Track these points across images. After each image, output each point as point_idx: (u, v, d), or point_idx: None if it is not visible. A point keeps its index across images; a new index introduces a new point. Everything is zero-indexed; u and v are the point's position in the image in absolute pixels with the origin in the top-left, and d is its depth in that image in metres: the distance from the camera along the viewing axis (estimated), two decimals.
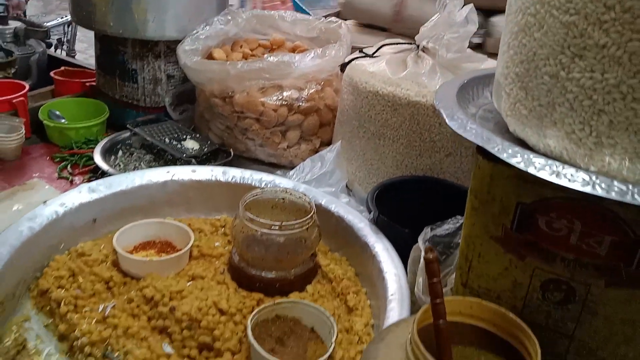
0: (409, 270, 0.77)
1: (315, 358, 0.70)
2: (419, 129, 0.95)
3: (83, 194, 0.88)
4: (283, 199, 0.88)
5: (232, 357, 0.71)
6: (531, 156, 0.46)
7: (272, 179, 0.98)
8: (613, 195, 0.41)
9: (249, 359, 0.71)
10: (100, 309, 0.77)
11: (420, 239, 0.72)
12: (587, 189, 0.42)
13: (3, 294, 0.73)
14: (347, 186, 1.08)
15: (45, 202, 0.86)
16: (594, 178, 0.42)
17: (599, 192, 0.41)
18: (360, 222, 0.89)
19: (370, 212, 0.88)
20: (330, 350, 0.69)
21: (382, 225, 0.87)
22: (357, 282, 0.87)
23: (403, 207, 0.92)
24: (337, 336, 0.71)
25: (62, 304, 0.76)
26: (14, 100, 1.28)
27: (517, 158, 0.46)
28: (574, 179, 0.43)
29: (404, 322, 0.56)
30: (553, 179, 0.43)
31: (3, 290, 0.73)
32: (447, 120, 0.53)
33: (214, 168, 1.00)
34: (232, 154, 1.17)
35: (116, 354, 0.71)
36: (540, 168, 0.44)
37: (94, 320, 0.74)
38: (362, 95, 0.99)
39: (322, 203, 0.93)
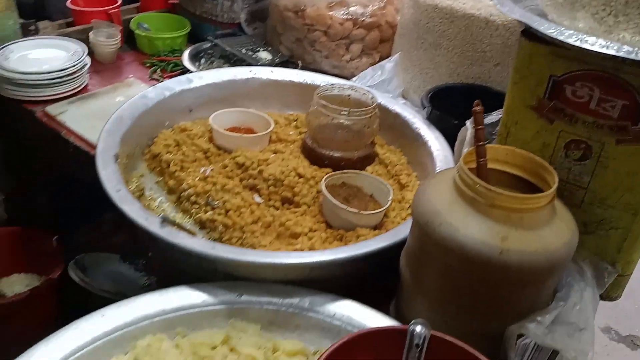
0: (456, 150, 0.92)
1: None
2: (472, 39, 1.07)
3: (183, 82, 1.06)
4: (349, 95, 1.03)
5: (307, 208, 0.89)
6: (563, 29, 0.59)
7: (338, 81, 1.12)
8: (622, 54, 0.54)
9: (320, 211, 0.88)
10: (201, 171, 0.95)
11: (467, 122, 0.86)
12: (603, 50, 0.55)
13: (127, 151, 0.92)
14: (402, 95, 1.22)
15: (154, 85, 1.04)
16: (609, 43, 0.56)
17: (612, 52, 0.55)
18: (414, 118, 1.04)
19: (424, 108, 1.02)
20: (387, 205, 0.86)
21: (434, 119, 1.01)
22: (409, 168, 1.03)
23: (452, 111, 1.06)
24: (392, 196, 0.87)
25: (171, 164, 0.95)
26: (110, 11, 1.45)
27: (551, 30, 0.59)
28: (593, 43, 0.56)
29: (449, 169, 0.71)
30: (578, 44, 0.57)
31: (127, 149, 0.92)
32: (498, 7, 0.66)
33: (290, 70, 1.15)
34: (299, 64, 1.32)
35: (216, 201, 0.89)
36: (569, 37, 0.58)
37: (197, 178, 0.93)
38: (421, 8, 1.12)
39: (382, 102, 1.07)
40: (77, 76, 1.24)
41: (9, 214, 1.49)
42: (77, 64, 1.24)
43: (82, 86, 1.27)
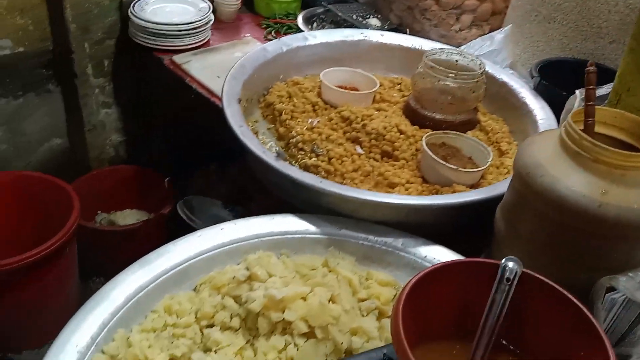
0: (561, 120, 0.92)
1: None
2: (588, 14, 1.06)
3: (299, 39, 1.13)
4: (457, 60, 1.05)
5: (405, 163, 0.93)
6: None
7: (447, 46, 1.15)
8: None
9: (417, 167, 0.93)
10: (309, 122, 1.02)
11: (577, 91, 0.86)
12: None
13: (246, 96, 1.01)
14: (510, 67, 1.22)
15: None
16: None
17: None
18: (521, 87, 1.05)
19: (532, 78, 1.03)
20: (485, 166, 0.88)
21: (541, 90, 1.02)
22: (510, 136, 1.04)
23: (561, 85, 1.05)
24: (492, 159, 0.90)
25: (283, 113, 1.03)
26: None
27: None
28: None
29: (553, 130, 0.73)
30: None
31: (246, 94, 1.01)
32: None
33: (399, 35, 1.19)
34: (407, 32, 1.36)
35: (321, 149, 0.96)
36: None
37: (304, 128, 1.00)
38: None
39: (489, 70, 1.09)
40: (202, 30, 1.36)
41: (128, 155, 1.65)
42: (202, 19, 1.35)
43: (205, 40, 1.39)
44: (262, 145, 0.85)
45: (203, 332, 0.65)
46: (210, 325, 0.67)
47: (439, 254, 0.76)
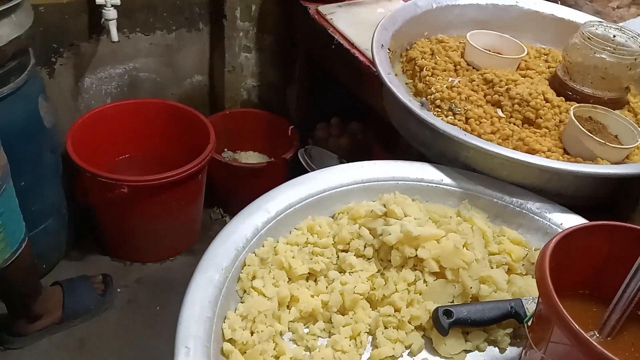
0: None
1: None
2: None
3: None
4: (614, 36, 1.00)
5: (547, 132, 0.91)
6: None
7: (604, 21, 1.09)
8: None
9: (560, 138, 0.90)
10: (449, 80, 1.03)
11: None
12: None
13: (392, 47, 1.03)
14: None
15: None
16: None
17: None
18: None
19: None
20: (635, 144, 0.84)
21: None
22: None
23: None
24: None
25: (424, 69, 1.04)
26: None
27: None
28: None
29: None
30: None
31: (393, 44, 1.03)
32: None
33: (554, 4, 1.15)
34: (559, 3, 1.30)
35: (459, 109, 0.96)
36: None
37: (444, 86, 1.01)
38: None
39: None
40: None
41: (259, 99, 1.75)
42: None
43: None
44: (408, 93, 0.87)
45: (339, 255, 0.70)
46: (345, 250, 0.71)
47: (575, 223, 0.75)
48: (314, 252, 0.70)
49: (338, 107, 1.68)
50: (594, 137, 0.84)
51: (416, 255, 0.68)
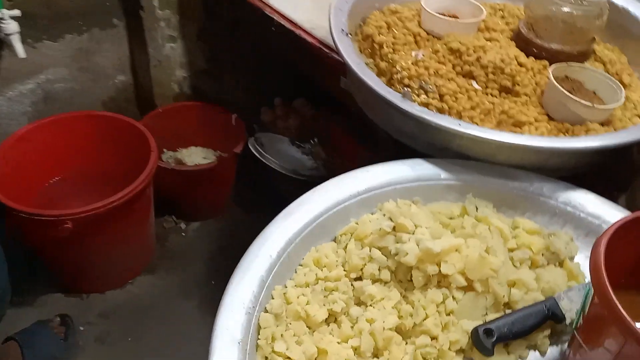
0: None
1: None
2: None
3: None
4: None
5: (528, 99, 0.87)
6: None
7: None
8: None
9: (539, 102, 0.86)
10: (413, 55, 0.95)
11: None
12: None
13: (350, 27, 0.94)
14: None
15: None
16: None
17: None
18: None
19: None
20: (621, 102, 0.82)
21: None
22: (629, 67, 0.96)
23: None
24: (624, 94, 0.83)
25: (384, 46, 0.95)
26: None
27: None
28: None
29: None
30: None
31: (350, 25, 0.93)
32: None
33: None
34: None
35: (430, 86, 0.90)
36: None
37: (409, 62, 0.93)
38: None
39: None
40: None
41: (193, 91, 1.60)
42: None
43: None
44: (384, 84, 0.79)
45: (354, 286, 0.63)
46: (359, 278, 0.64)
47: (582, 199, 0.72)
48: (326, 288, 0.62)
49: (280, 86, 1.57)
50: (580, 100, 0.81)
51: (439, 272, 0.62)
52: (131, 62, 1.44)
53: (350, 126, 1.33)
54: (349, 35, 0.88)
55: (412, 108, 0.74)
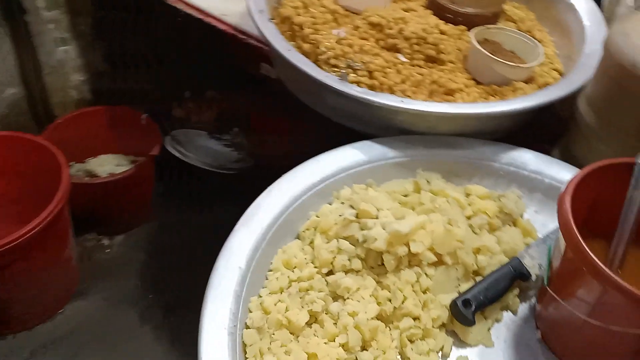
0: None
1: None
2: None
3: None
4: None
5: (454, 66, 0.88)
6: None
7: None
8: None
9: (464, 68, 0.88)
10: (334, 33, 0.93)
11: None
12: None
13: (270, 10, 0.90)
14: None
15: None
16: None
17: None
18: None
19: None
20: (541, 59, 0.85)
21: None
22: (539, 23, 1.01)
23: None
24: (543, 52, 0.87)
25: (304, 26, 0.92)
26: None
27: None
28: None
29: None
30: None
31: (269, 7, 0.89)
32: None
33: None
34: None
35: (358, 63, 0.89)
36: None
37: (332, 41, 0.91)
38: None
39: None
40: None
41: (94, 95, 1.47)
42: None
43: None
44: (319, 67, 0.76)
45: (327, 281, 0.61)
46: (330, 272, 0.63)
47: (521, 158, 0.75)
48: (301, 289, 0.60)
49: (195, 78, 1.49)
50: (506, 61, 0.83)
51: (409, 251, 0.62)
52: (20, 72, 1.29)
53: (273, 107, 1.29)
54: (273, 20, 0.84)
55: (354, 90, 0.73)
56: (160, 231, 1.51)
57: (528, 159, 0.75)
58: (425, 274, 0.62)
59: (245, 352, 0.53)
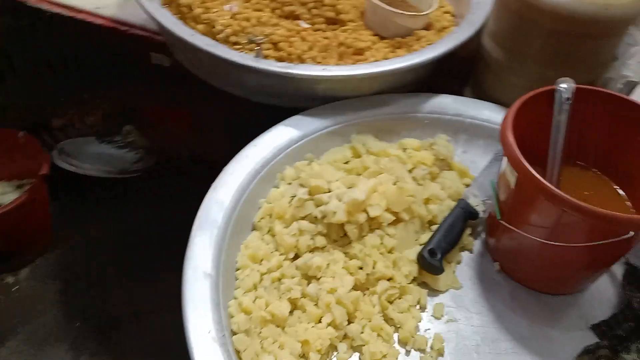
0: None
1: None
2: None
3: None
4: None
5: (355, 24, 0.88)
6: None
7: None
8: None
9: (365, 24, 0.88)
10: (226, 9, 0.88)
11: None
12: None
13: None
14: None
15: None
16: None
17: None
18: None
19: None
20: (436, 5, 0.88)
21: None
22: None
23: None
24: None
25: (193, 6, 0.87)
26: None
27: None
28: None
29: None
30: None
31: None
32: None
33: None
34: None
35: (259, 37, 0.85)
36: None
37: (228, 18, 0.87)
38: None
39: None
40: None
41: None
42: None
43: None
44: (229, 48, 0.72)
45: (297, 265, 0.60)
46: (296, 256, 0.61)
47: (442, 104, 0.78)
48: (274, 280, 0.58)
49: (68, 83, 1.35)
50: (406, 12, 0.85)
51: (368, 217, 0.62)
52: None
53: (168, 97, 1.22)
54: (167, 6, 0.78)
55: (274, 66, 0.70)
56: (68, 255, 1.39)
57: (447, 104, 0.78)
58: (387, 234, 0.63)
59: (241, 359, 0.50)
